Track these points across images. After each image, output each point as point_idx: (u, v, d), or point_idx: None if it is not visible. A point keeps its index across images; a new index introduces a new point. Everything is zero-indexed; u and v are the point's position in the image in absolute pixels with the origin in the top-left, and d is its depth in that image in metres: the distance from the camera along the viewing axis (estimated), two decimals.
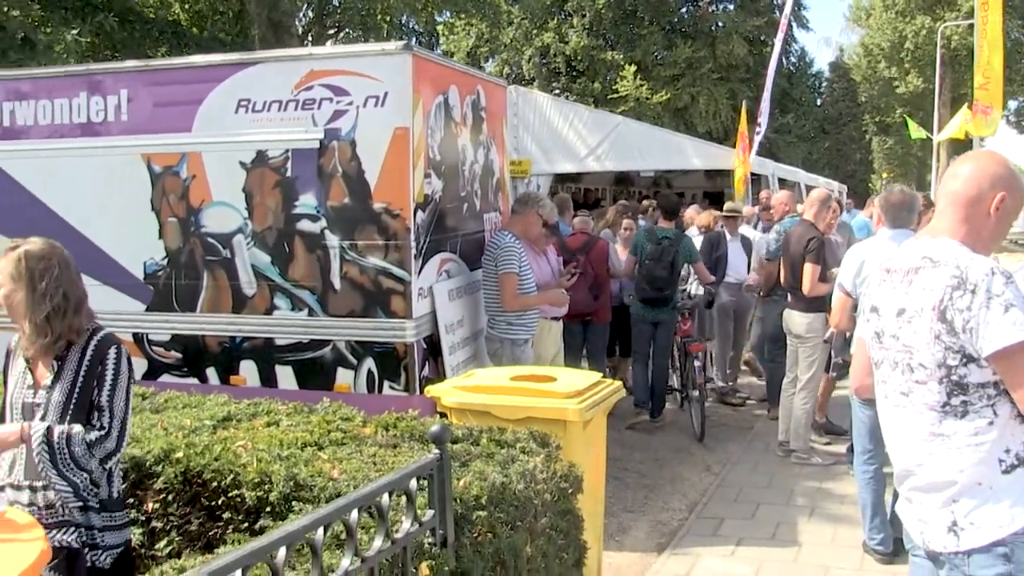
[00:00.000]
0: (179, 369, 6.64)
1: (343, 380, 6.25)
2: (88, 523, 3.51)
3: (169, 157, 6.65)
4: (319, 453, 3.87)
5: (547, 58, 36.75)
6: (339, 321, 6.25)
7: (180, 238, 6.63)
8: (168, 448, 3.91)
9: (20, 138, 7.11)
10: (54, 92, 7.06)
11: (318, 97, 6.29)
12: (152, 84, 6.78)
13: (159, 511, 3.92)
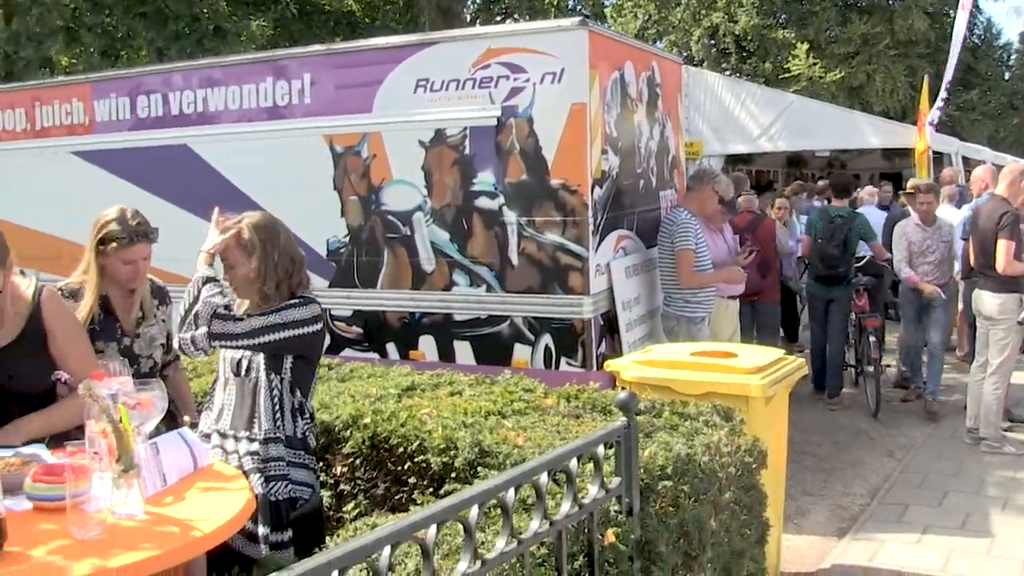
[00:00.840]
0: (360, 344, 6.80)
1: (520, 356, 6.28)
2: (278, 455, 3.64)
3: (350, 137, 6.81)
4: (503, 421, 3.89)
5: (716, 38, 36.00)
6: (517, 297, 6.28)
7: (361, 216, 6.79)
8: (356, 414, 4.01)
9: (212, 123, 7.42)
10: (243, 78, 7.33)
11: (495, 75, 6.32)
12: (334, 67, 6.96)
13: (347, 475, 4.02)
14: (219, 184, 7.26)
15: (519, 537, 2.62)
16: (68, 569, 2.15)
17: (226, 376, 3.81)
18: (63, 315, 3.41)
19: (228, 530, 2.50)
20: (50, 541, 2.30)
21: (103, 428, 2.53)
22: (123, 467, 2.43)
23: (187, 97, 7.58)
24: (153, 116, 7.77)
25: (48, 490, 2.46)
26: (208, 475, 2.89)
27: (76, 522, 2.29)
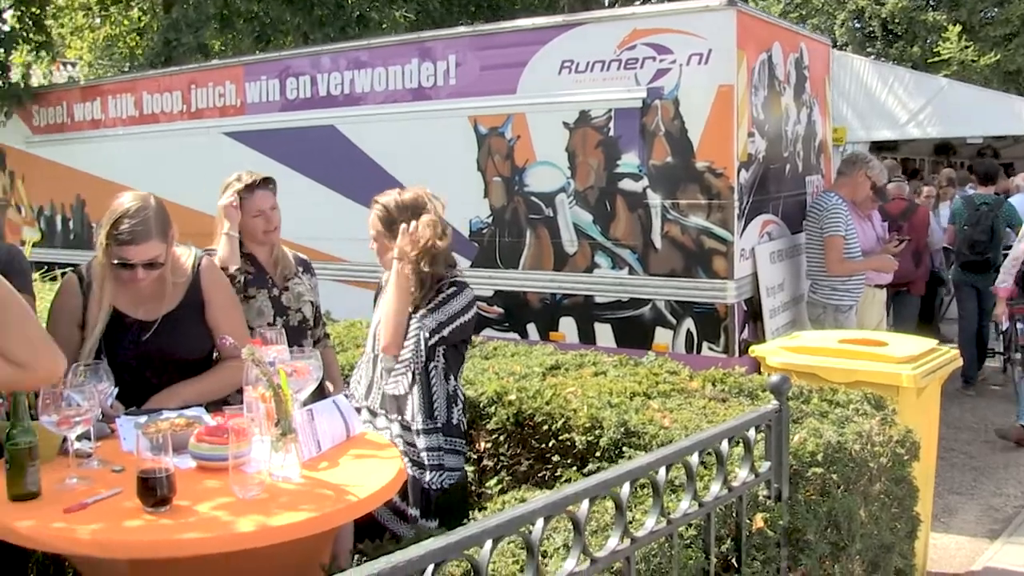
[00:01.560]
0: (501, 324, 6.84)
1: (662, 339, 6.22)
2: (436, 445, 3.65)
3: (495, 118, 6.84)
4: (649, 402, 3.86)
5: (861, 21, 34.87)
6: (659, 280, 6.22)
7: (504, 197, 6.82)
8: (501, 391, 4.02)
9: (359, 104, 7.56)
10: (389, 60, 7.44)
11: (641, 56, 6.25)
12: (479, 49, 6.99)
13: (490, 450, 4.04)
14: (365, 164, 7.39)
15: (668, 517, 2.58)
16: (233, 524, 2.22)
17: (376, 352, 3.83)
18: (220, 285, 3.52)
19: (382, 496, 2.54)
20: (214, 498, 2.38)
21: (262, 393, 2.59)
22: (281, 431, 2.49)
23: (334, 79, 7.73)
24: (302, 97, 7.95)
25: (211, 450, 2.54)
26: (360, 443, 2.95)
27: (238, 482, 2.36)
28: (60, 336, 3.30)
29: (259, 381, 2.68)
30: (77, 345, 3.26)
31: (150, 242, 3.22)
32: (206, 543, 2.18)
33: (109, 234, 3.23)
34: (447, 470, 3.64)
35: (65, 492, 2.43)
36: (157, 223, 3.26)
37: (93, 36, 19.35)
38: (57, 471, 2.50)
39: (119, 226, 3.21)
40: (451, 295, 3.68)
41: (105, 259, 3.26)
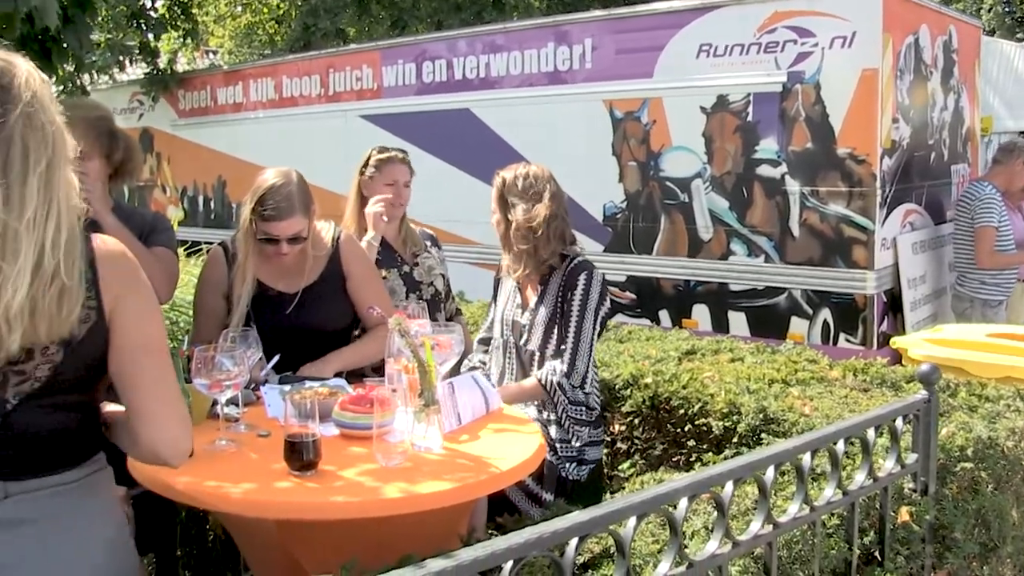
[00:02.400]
0: (633, 310, 6.80)
1: (797, 329, 6.09)
2: (575, 438, 3.62)
3: (631, 103, 6.79)
4: (788, 390, 3.77)
5: (1012, 5, 33.45)
6: (796, 269, 6.10)
7: (639, 182, 6.77)
8: (637, 374, 3.98)
9: (494, 87, 7.59)
10: (525, 43, 7.45)
11: (781, 39, 6.13)
12: (615, 32, 6.95)
13: (624, 433, 4.01)
14: (499, 148, 7.42)
15: (812, 504, 2.52)
16: (379, 490, 2.24)
17: (505, 338, 3.81)
18: (360, 258, 3.56)
19: (524, 469, 2.53)
20: (358, 464, 2.41)
21: (405, 365, 2.62)
22: (424, 402, 2.51)
23: (470, 63, 7.78)
24: (437, 81, 8.03)
25: (354, 418, 2.58)
26: (500, 418, 2.95)
27: (381, 450, 2.39)
28: (207, 305, 3.41)
29: (400, 353, 2.70)
30: (223, 315, 3.35)
31: (293, 217, 3.27)
32: (353, 507, 2.21)
33: (254, 210, 3.29)
34: (586, 462, 3.62)
35: (215, 453, 2.49)
36: (300, 198, 3.31)
37: (234, 24, 19.94)
38: (206, 434, 2.57)
39: (264, 202, 3.27)
40: (588, 285, 3.61)
41: (249, 234, 3.33)
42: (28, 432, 1.78)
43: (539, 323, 3.64)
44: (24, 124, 1.69)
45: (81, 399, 1.86)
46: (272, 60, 11.15)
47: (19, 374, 1.74)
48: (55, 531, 1.81)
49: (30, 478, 1.79)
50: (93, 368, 1.84)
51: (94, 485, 1.91)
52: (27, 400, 1.76)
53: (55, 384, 1.77)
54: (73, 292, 1.73)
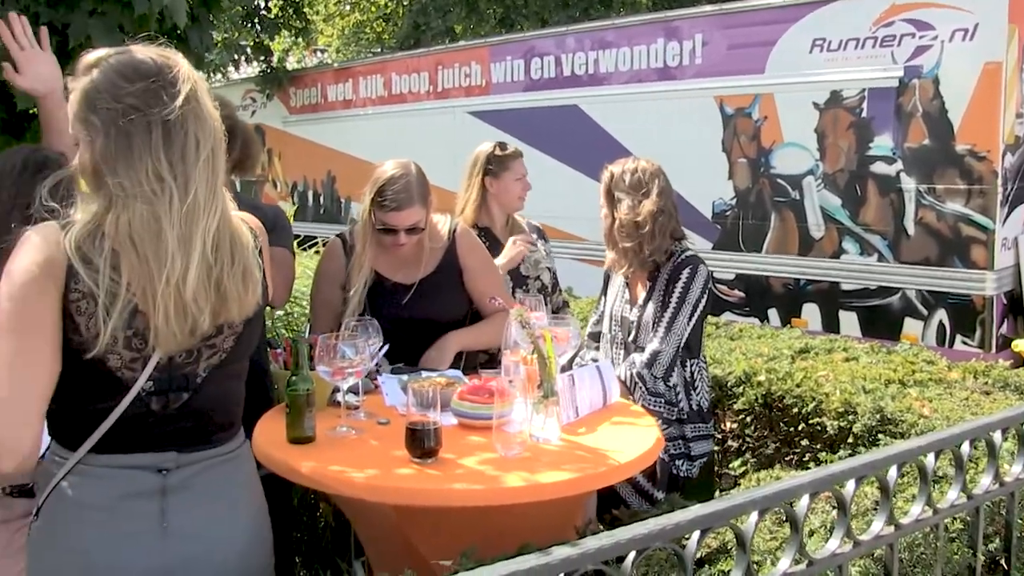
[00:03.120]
0: (741, 308, 6.73)
1: (911, 331, 5.96)
2: (681, 434, 3.60)
3: (742, 99, 6.73)
4: (905, 390, 3.69)
5: None
6: (911, 269, 5.96)
7: (749, 178, 6.70)
8: (749, 371, 3.95)
9: (603, 84, 7.59)
10: (634, 40, 7.43)
11: (898, 33, 5.99)
12: (726, 27, 6.88)
13: (736, 431, 3.98)
14: (607, 144, 7.41)
15: (935, 506, 2.46)
16: (499, 479, 2.27)
17: (613, 334, 3.80)
18: (477, 250, 3.58)
19: (642, 463, 2.53)
20: (477, 453, 2.44)
21: (524, 356, 2.64)
22: (544, 394, 2.53)
23: (579, 59, 7.79)
24: (546, 77, 8.06)
25: (473, 408, 2.60)
26: (617, 411, 2.95)
27: (500, 440, 2.41)
28: (324, 296, 3.46)
29: (517, 345, 2.73)
30: (339, 305, 3.40)
31: (412, 208, 3.31)
32: (474, 495, 2.23)
33: (373, 200, 3.34)
34: (695, 458, 3.59)
35: (336, 439, 2.55)
36: (418, 189, 3.35)
37: (343, 23, 20.26)
38: (328, 420, 2.63)
39: (383, 193, 3.31)
40: (688, 277, 3.57)
41: (368, 224, 3.38)
42: (208, 403, 1.91)
43: (647, 320, 3.61)
44: (191, 114, 1.79)
45: (244, 368, 2.01)
46: (382, 57, 11.32)
47: (210, 348, 1.88)
48: (216, 499, 1.92)
49: (199, 449, 1.91)
50: (258, 334, 2.00)
51: (244, 457, 2.04)
52: (214, 371, 1.89)
53: (235, 354, 1.92)
54: (254, 272, 1.89)
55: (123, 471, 1.85)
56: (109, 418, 1.82)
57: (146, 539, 1.84)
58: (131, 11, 3.45)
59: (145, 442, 1.86)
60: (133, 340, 1.78)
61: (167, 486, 1.86)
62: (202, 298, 1.77)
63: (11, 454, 1.76)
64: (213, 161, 1.81)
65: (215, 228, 1.80)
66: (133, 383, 1.81)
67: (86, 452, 1.84)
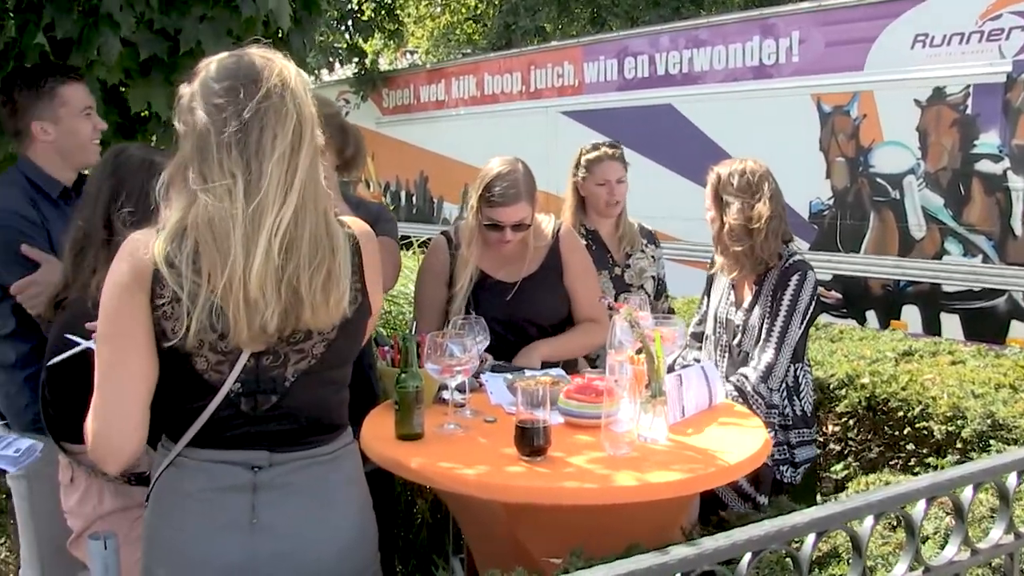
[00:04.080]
0: (838, 309, 6.63)
1: (1018, 334, 5.81)
2: (785, 440, 3.55)
3: (840, 96, 6.62)
4: (1017, 395, 3.59)
5: None
6: (1018, 270, 5.80)
7: (847, 178, 6.59)
8: (852, 373, 3.88)
9: (697, 83, 7.53)
10: (729, 38, 7.37)
11: (1007, 26, 5.84)
12: (824, 24, 6.78)
13: (838, 434, 3.91)
14: (702, 143, 7.36)
15: None
16: (609, 478, 2.27)
17: (717, 336, 3.76)
18: (579, 251, 3.59)
19: (752, 464, 2.50)
20: (585, 452, 2.44)
21: (630, 356, 2.63)
22: (652, 394, 2.52)
23: (673, 58, 7.75)
24: (639, 77, 8.03)
25: (580, 407, 2.61)
26: (723, 411, 2.93)
27: (609, 439, 2.42)
28: (429, 293, 3.48)
29: (623, 346, 2.72)
30: (444, 302, 3.44)
31: (519, 204, 3.32)
32: (586, 493, 2.23)
33: (481, 196, 3.36)
34: (800, 463, 3.53)
35: (444, 436, 2.57)
36: (525, 186, 3.36)
37: (433, 24, 20.43)
38: (434, 417, 2.65)
39: (491, 189, 3.33)
40: (798, 282, 3.51)
41: (475, 221, 3.41)
42: (300, 406, 1.92)
43: (753, 323, 3.56)
44: (270, 110, 1.81)
45: (343, 374, 2.01)
46: (474, 58, 11.39)
47: (298, 352, 1.88)
48: (309, 498, 1.94)
49: (292, 450, 1.93)
50: (356, 345, 1.99)
51: (344, 458, 2.03)
52: (303, 376, 1.90)
53: (327, 361, 1.92)
54: (340, 280, 1.86)
55: (217, 465, 1.90)
56: (201, 417, 1.88)
57: (236, 532, 1.89)
58: (239, 15, 3.52)
59: (238, 440, 1.91)
60: (218, 343, 1.82)
61: (258, 483, 1.90)
62: (268, 295, 1.77)
63: (114, 458, 1.88)
64: (290, 158, 1.80)
65: (286, 226, 1.79)
66: (221, 385, 1.86)
67: (184, 445, 1.91)
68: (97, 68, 3.38)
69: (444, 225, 10.01)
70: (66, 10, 3.24)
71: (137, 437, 1.86)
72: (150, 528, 1.98)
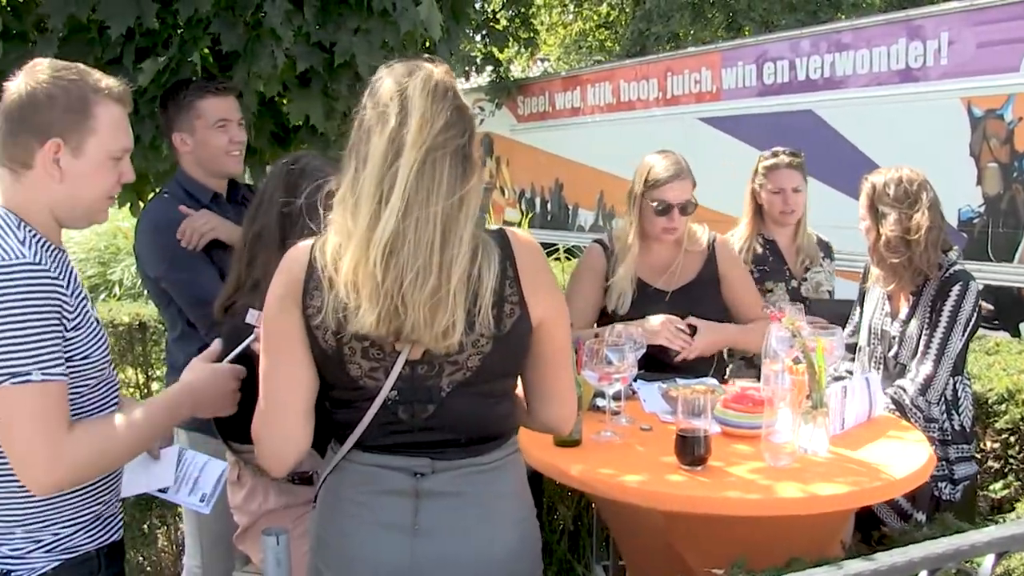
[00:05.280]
0: (990, 321, 6.39)
1: None
2: (944, 456, 3.45)
3: (993, 100, 6.40)
4: None
5: None
6: None
7: (1000, 184, 6.36)
8: (1013, 388, 3.75)
9: (839, 87, 7.38)
10: (873, 41, 7.20)
11: None
12: (975, 24, 6.57)
13: (997, 451, 3.78)
14: (844, 150, 7.22)
15: None
16: (772, 489, 2.24)
17: (872, 347, 3.67)
18: (736, 261, 3.57)
19: (917, 479, 2.44)
20: (745, 462, 2.43)
21: (790, 365, 2.61)
22: (812, 404, 2.49)
23: (814, 62, 7.61)
24: (779, 82, 7.91)
25: (738, 417, 2.59)
26: (884, 425, 2.86)
27: (769, 450, 2.39)
28: (583, 294, 3.46)
29: (777, 355, 2.70)
30: (598, 305, 3.46)
31: (685, 180, 3.35)
32: (749, 504, 2.22)
33: (645, 182, 3.37)
34: (959, 480, 3.42)
35: (601, 443, 2.59)
36: (686, 165, 3.39)
37: (565, 32, 20.50)
38: (590, 424, 2.66)
39: (653, 172, 3.36)
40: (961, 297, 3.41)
41: (635, 217, 3.42)
42: (458, 417, 1.93)
43: (910, 335, 3.46)
44: (374, 118, 1.83)
45: (504, 387, 1.99)
46: (610, 65, 11.40)
47: (452, 364, 1.88)
48: (471, 507, 1.95)
49: (453, 458, 1.94)
50: (517, 358, 1.96)
51: (507, 468, 2.02)
52: (459, 388, 1.90)
53: (483, 373, 1.91)
54: (447, 299, 1.81)
55: (380, 470, 1.93)
56: (362, 422, 1.90)
57: (398, 537, 1.91)
58: (394, 27, 3.59)
59: (400, 446, 1.93)
60: (370, 350, 1.85)
61: (420, 489, 1.92)
62: (363, 295, 1.79)
63: (278, 464, 1.95)
64: (432, 173, 1.80)
65: (389, 233, 1.78)
66: (377, 392, 1.88)
67: (348, 450, 1.94)
68: (254, 80, 3.50)
69: (579, 232, 10.03)
70: (232, 25, 3.36)
71: (300, 444, 1.92)
72: (316, 529, 2.02)
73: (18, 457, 1.91)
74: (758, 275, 3.93)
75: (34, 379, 1.87)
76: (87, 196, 2.05)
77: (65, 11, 3.20)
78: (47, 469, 1.90)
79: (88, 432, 1.96)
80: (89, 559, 2.11)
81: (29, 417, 1.88)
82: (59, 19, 3.23)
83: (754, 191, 4.10)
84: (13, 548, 2.03)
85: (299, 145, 4.04)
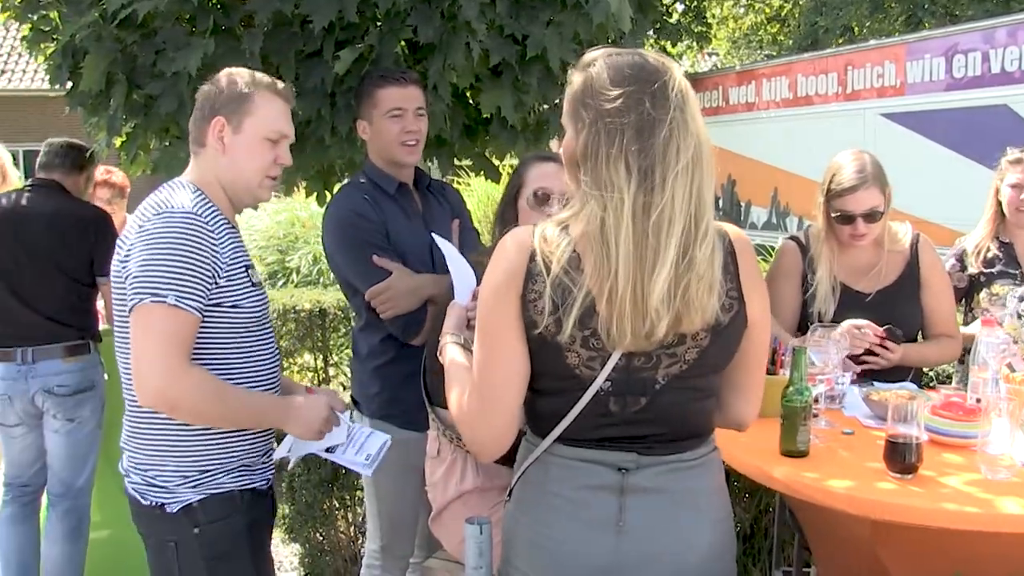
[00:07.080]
0: None
1: None
2: None
3: None
4: None
5: None
6: None
7: None
8: None
9: None
10: None
11: None
12: None
13: None
14: None
15: None
16: (991, 503, 2.13)
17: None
18: (939, 267, 3.40)
19: None
20: (959, 473, 2.32)
21: (1006, 375, 2.49)
22: None
23: (1010, 54, 7.24)
24: (970, 76, 7.56)
25: (950, 425, 2.48)
26: None
27: (986, 461, 2.28)
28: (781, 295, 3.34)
29: (986, 364, 2.59)
30: (796, 308, 3.36)
31: (868, 189, 3.17)
32: (968, 518, 2.10)
33: (828, 190, 3.26)
34: None
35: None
36: (874, 172, 3.21)
37: (735, 25, 20.17)
38: None
39: (836, 179, 3.23)
40: None
41: (824, 221, 3.31)
42: (668, 411, 1.91)
43: None
44: (674, 123, 1.80)
45: (713, 383, 1.97)
46: (787, 59, 11.13)
47: (671, 356, 1.86)
48: (675, 504, 1.93)
49: (661, 454, 1.92)
50: (730, 353, 1.94)
51: (707, 466, 2.01)
52: (673, 381, 1.88)
53: (699, 367, 1.89)
54: (716, 282, 1.83)
55: (584, 464, 1.92)
56: (570, 413, 1.89)
57: (602, 534, 1.90)
58: (587, 19, 3.58)
59: (606, 440, 1.91)
60: (591, 339, 1.83)
61: (626, 485, 1.90)
62: (664, 305, 1.77)
63: (488, 450, 1.97)
64: (693, 171, 1.80)
65: (688, 240, 1.78)
66: (591, 381, 1.86)
67: (551, 442, 1.93)
68: (448, 72, 3.54)
69: (751, 230, 9.83)
70: (428, 18, 3.42)
71: (511, 431, 1.92)
72: (512, 522, 2.02)
73: (137, 367, 2.21)
74: (984, 279, 3.75)
75: (168, 301, 2.19)
76: (246, 169, 2.40)
77: (271, 7, 3.34)
78: (156, 386, 2.19)
79: (205, 378, 2.25)
80: (232, 497, 2.39)
81: (157, 333, 2.19)
82: (265, 14, 3.38)
83: (996, 189, 3.90)
84: (165, 481, 2.35)
85: (491, 137, 4.08)
